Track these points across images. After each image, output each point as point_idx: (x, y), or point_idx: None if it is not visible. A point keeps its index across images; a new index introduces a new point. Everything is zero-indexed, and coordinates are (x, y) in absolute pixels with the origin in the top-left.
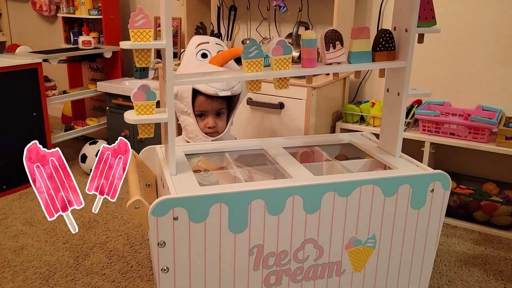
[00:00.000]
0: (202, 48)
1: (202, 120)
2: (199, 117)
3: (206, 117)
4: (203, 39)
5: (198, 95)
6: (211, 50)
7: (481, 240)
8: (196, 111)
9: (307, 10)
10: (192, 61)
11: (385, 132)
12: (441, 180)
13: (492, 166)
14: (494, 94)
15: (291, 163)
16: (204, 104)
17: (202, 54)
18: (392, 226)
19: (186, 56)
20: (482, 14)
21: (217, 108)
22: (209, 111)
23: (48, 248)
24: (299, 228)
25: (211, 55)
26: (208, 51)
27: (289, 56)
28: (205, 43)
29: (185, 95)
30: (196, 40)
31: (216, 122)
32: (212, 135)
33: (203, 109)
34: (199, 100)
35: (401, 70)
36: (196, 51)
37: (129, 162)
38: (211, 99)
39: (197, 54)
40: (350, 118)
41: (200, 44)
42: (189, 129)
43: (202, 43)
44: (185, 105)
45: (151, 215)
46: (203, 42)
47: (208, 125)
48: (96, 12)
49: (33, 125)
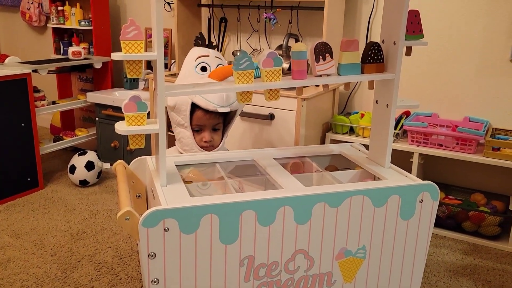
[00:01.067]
0: (202, 61)
1: (198, 134)
2: (195, 131)
3: (202, 131)
4: (202, 52)
5: (197, 109)
6: (210, 63)
7: (469, 250)
8: (194, 126)
9: (296, 22)
10: (191, 73)
11: (375, 143)
12: (430, 191)
13: (479, 177)
14: (480, 106)
15: (281, 174)
16: (202, 119)
17: (201, 67)
18: (382, 237)
19: (185, 68)
20: (469, 28)
21: (215, 123)
22: (207, 125)
23: (36, 260)
24: (289, 239)
25: (211, 68)
26: (208, 65)
27: (280, 68)
28: (204, 56)
29: (183, 108)
30: (195, 53)
31: (212, 137)
32: (208, 149)
33: (201, 123)
34: (198, 114)
35: (389, 82)
36: (195, 64)
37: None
38: (209, 114)
39: (196, 67)
40: (340, 129)
41: (199, 57)
42: (185, 142)
43: (202, 56)
44: (183, 118)
45: (142, 226)
46: (202, 55)
47: (204, 139)
48: (86, 23)
49: (21, 136)
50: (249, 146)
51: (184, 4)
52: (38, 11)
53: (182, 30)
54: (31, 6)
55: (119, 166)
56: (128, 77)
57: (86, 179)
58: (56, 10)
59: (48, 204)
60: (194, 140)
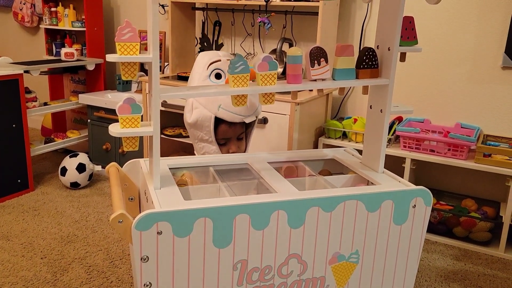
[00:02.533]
0: (215, 68)
1: (224, 146)
2: (220, 144)
3: (228, 143)
4: (213, 57)
5: (221, 123)
6: (224, 69)
7: (460, 256)
8: (220, 140)
9: (291, 27)
10: (205, 83)
11: (368, 148)
12: (422, 196)
13: (471, 183)
14: (472, 112)
15: (275, 178)
16: (227, 132)
17: (216, 74)
18: (375, 242)
19: (196, 77)
20: (461, 36)
21: (239, 132)
22: (232, 137)
23: (25, 263)
24: (283, 243)
25: (225, 74)
26: (222, 71)
27: (275, 72)
28: (216, 62)
29: (206, 124)
30: (205, 59)
31: (239, 146)
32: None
33: (227, 136)
34: (222, 128)
35: (384, 87)
36: (208, 72)
37: (112, 175)
38: (234, 125)
39: (210, 75)
40: (333, 134)
41: (211, 63)
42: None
43: (214, 62)
44: (206, 133)
45: (135, 229)
46: (214, 60)
47: (231, 150)
48: (79, 24)
49: (12, 137)
50: None
51: (178, 7)
52: (31, 12)
53: (176, 33)
54: (24, 7)
55: (112, 168)
56: (122, 79)
57: (77, 181)
58: (49, 11)
59: (38, 206)
60: (221, 153)
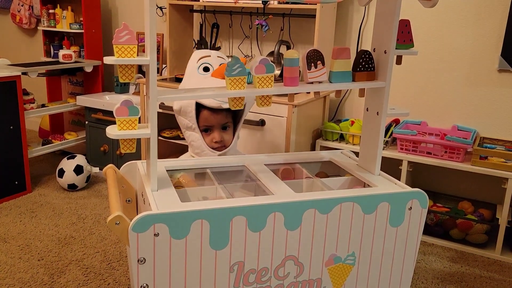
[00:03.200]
0: (204, 62)
1: (208, 135)
2: (204, 132)
3: (212, 131)
4: (204, 53)
5: (202, 109)
6: (213, 63)
7: (457, 258)
8: (202, 126)
9: (288, 29)
10: (194, 75)
11: (365, 150)
12: (419, 198)
13: (467, 185)
14: (469, 115)
15: (272, 180)
16: (209, 119)
17: (204, 67)
18: (371, 243)
19: (188, 71)
20: (458, 39)
21: (223, 121)
22: (215, 125)
23: (22, 265)
24: (279, 245)
25: (213, 68)
26: (210, 65)
27: (272, 75)
28: (206, 57)
29: (189, 110)
30: (197, 55)
31: (223, 136)
32: (219, 149)
33: (208, 123)
34: (204, 114)
35: (380, 90)
36: (197, 65)
37: (109, 177)
38: (216, 113)
39: (199, 68)
40: (330, 136)
41: (201, 58)
42: (195, 145)
43: (204, 57)
44: (190, 120)
45: (132, 231)
46: (204, 56)
47: (214, 139)
48: (77, 26)
49: (10, 139)
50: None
51: (176, 9)
52: (29, 14)
53: (174, 35)
54: (22, 8)
55: (110, 170)
56: (120, 81)
57: (75, 183)
58: (47, 13)
59: (35, 208)
60: (203, 142)
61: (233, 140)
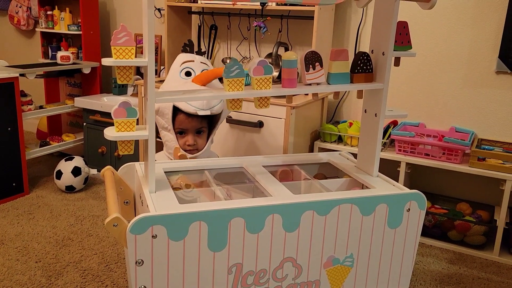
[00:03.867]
0: (187, 66)
1: (182, 137)
2: (179, 134)
3: (186, 134)
4: (188, 57)
5: (179, 112)
6: (195, 68)
7: (455, 260)
8: (176, 129)
9: (286, 31)
10: (176, 78)
11: (363, 152)
12: (417, 200)
13: (465, 187)
14: (466, 116)
15: (270, 182)
16: (184, 122)
17: (186, 72)
18: (369, 245)
19: (170, 73)
20: (455, 41)
21: (197, 126)
22: (189, 129)
23: (20, 267)
24: (278, 246)
25: (195, 73)
26: (192, 70)
27: (270, 76)
28: (190, 62)
29: (166, 112)
30: (181, 58)
31: (196, 140)
32: (191, 152)
33: (183, 127)
34: (179, 118)
35: (378, 91)
36: (180, 69)
37: (107, 179)
38: (191, 118)
39: (181, 72)
40: (328, 137)
41: (185, 62)
42: (169, 145)
43: (187, 61)
44: (166, 121)
45: (130, 233)
46: (188, 60)
47: (187, 142)
48: (75, 28)
49: (7, 141)
50: (238, 153)
51: (174, 10)
52: (27, 15)
53: (172, 37)
54: (20, 10)
55: (108, 172)
56: (118, 83)
57: (73, 185)
58: (45, 14)
59: (33, 209)
60: (177, 143)
61: (207, 144)
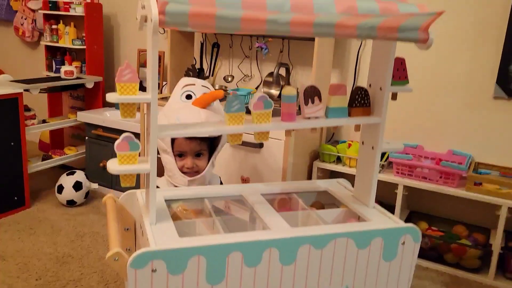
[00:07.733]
0: (188, 90)
1: (181, 160)
2: (178, 157)
3: (185, 157)
4: (189, 81)
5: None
6: (196, 92)
7: (451, 283)
8: (176, 151)
9: (288, 51)
10: (176, 101)
11: (360, 182)
12: (411, 233)
13: (462, 209)
14: (464, 140)
15: (268, 212)
16: (182, 145)
17: (186, 95)
18: (364, 278)
19: (172, 96)
20: (454, 65)
21: (196, 149)
22: (188, 151)
23: (20, 284)
24: (274, 280)
25: (196, 96)
26: (193, 93)
27: (270, 111)
28: (191, 85)
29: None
30: (183, 82)
31: (196, 163)
32: (190, 175)
33: (182, 149)
34: (178, 140)
35: (375, 125)
36: (181, 92)
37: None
38: (190, 140)
39: (182, 95)
40: (327, 158)
41: (186, 85)
42: (168, 168)
43: (188, 84)
44: (165, 144)
45: (130, 268)
46: (189, 84)
47: (186, 165)
48: (79, 42)
49: (10, 155)
50: (239, 173)
51: None
52: (32, 27)
53: (175, 53)
54: (25, 22)
55: (109, 200)
56: (121, 118)
57: (74, 199)
58: (50, 28)
59: (34, 224)
60: (175, 166)
61: (207, 167)
